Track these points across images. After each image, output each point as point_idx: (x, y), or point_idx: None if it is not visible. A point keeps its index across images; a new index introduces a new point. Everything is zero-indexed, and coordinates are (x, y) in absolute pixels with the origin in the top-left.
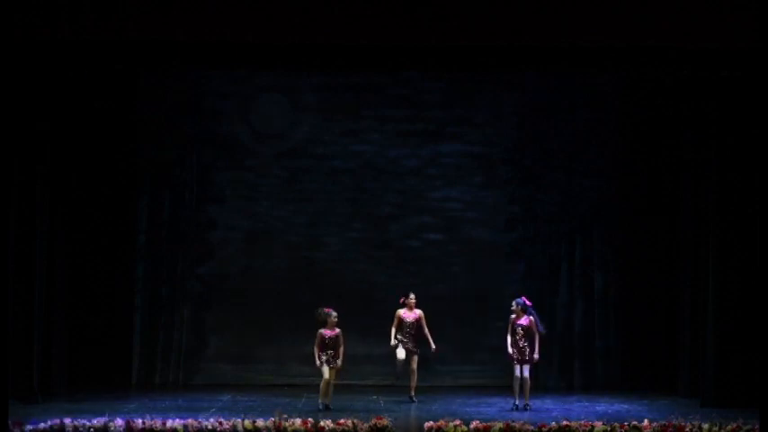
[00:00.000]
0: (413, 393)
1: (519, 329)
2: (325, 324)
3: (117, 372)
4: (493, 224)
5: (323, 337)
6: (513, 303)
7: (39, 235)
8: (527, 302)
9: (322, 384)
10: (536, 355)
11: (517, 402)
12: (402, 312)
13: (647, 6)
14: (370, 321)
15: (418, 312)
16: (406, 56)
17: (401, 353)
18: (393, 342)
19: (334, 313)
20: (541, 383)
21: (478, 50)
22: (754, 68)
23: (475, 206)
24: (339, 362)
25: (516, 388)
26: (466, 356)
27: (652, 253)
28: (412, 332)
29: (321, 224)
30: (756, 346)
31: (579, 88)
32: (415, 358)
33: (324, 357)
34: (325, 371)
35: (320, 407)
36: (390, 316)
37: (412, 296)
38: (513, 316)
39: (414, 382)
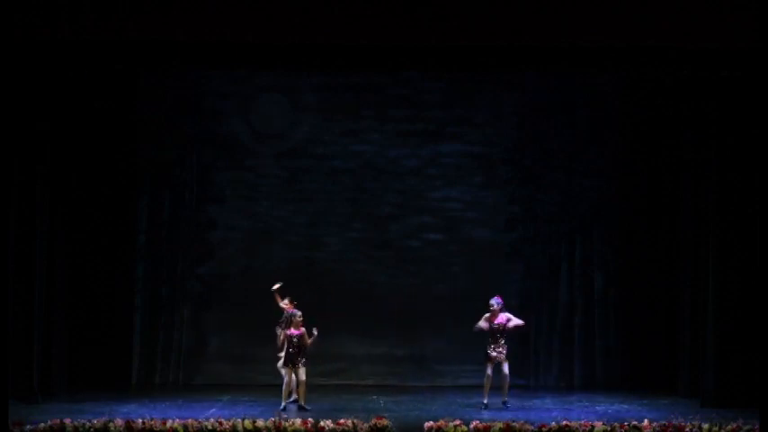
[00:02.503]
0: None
1: (496, 328)
2: (291, 325)
3: (117, 372)
4: (493, 224)
5: (288, 336)
6: (494, 303)
7: (39, 235)
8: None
9: (297, 384)
10: (520, 321)
11: (486, 401)
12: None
13: (647, 6)
14: (369, 321)
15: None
16: (406, 56)
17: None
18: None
19: (299, 313)
20: (541, 383)
21: (478, 50)
22: (754, 68)
23: (475, 206)
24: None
25: (488, 386)
26: (466, 356)
27: (652, 253)
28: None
29: (321, 224)
30: (756, 346)
31: (579, 88)
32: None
33: (298, 359)
34: (287, 372)
35: (282, 407)
36: (390, 316)
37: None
38: (489, 314)
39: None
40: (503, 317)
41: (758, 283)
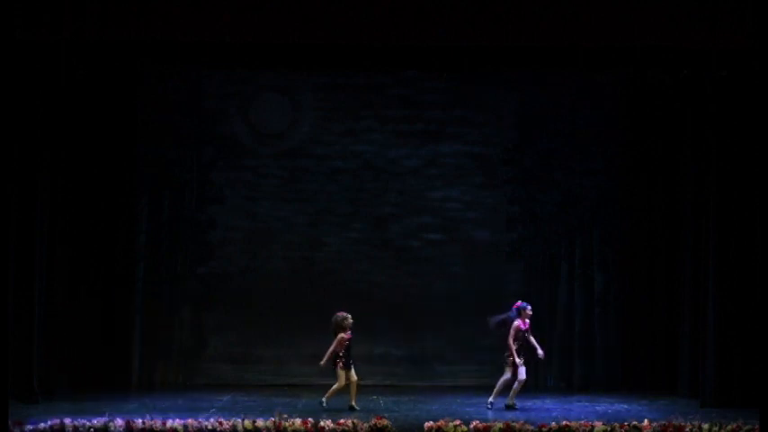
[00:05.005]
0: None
1: (524, 332)
2: (344, 328)
3: (117, 372)
4: (493, 224)
5: (344, 340)
6: (528, 308)
7: (39, 235)
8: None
9: (338, 387)
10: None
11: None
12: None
13: (647, 6)
14: (369, 321)
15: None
16: (406, 56)
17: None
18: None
19: (348, 315)
20: (541, 383)
21: (478, 50)
22: (754, 68)
23: (475, 206)
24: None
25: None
26: (466, 356)
27: (652, 253)
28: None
29: (321, 224)
30: (756, 346)
31: (579, 88)
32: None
33: (350, 361)
34: (343, 375)
35: (324, 404)
36: (389, 316)
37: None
38: (519, 322)
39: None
40: (525, 323)
41: (758, 282)
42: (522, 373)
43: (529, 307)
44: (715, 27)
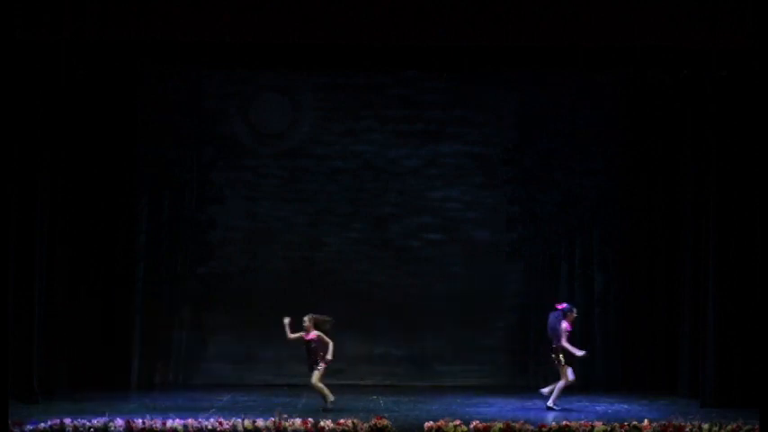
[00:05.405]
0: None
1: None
2: (304, 329)
3: (117, 372)
4: (493, 224)
5: (304, 340)
6: (574, 311)
7: (39, 235)
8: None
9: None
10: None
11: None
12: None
13: (647, 6)
14: (369, 322)
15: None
16: (406, 56)
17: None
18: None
19: (305, 318)
20: (542, 383)
21: (478, 50)
22: (754, 68)
23: (475, 206)
24: (321, 365)
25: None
26: (466, 356)
27: (652, 253)
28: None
29: (321, 224)
30: (756, 346)
31: (579, 88)
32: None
33: (317, 362)
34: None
35: (330, 406)
36: (390, 316)
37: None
38: (566, 324)
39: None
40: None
41: (758, 282)
42: (571, 373)
43: (575, 310)
44: (715, 27)
